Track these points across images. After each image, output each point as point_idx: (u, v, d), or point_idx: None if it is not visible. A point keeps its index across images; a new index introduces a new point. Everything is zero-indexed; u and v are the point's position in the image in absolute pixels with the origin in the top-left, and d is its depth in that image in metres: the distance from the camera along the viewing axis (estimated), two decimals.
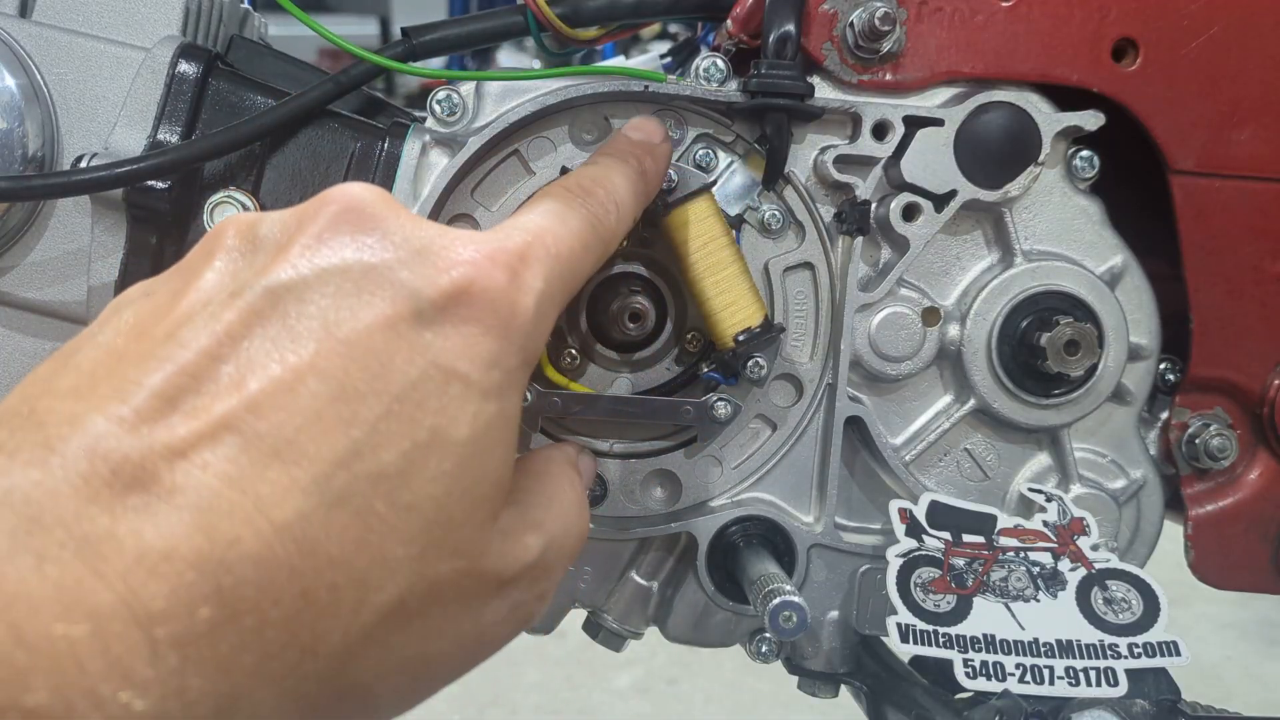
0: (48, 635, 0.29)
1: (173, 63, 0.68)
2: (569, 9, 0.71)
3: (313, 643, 0.35)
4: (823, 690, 0.78)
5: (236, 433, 0.35)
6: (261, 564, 0.34)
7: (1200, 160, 0.73)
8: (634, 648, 0.80)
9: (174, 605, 0.31)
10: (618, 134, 0.67)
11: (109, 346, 0.39)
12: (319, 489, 0.36)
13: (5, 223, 0.69)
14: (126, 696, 0.30)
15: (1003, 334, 0.73)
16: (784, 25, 0.68)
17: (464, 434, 0.40)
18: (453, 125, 0.69)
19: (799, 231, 0.74)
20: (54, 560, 0.30)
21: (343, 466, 0.36)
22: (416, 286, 0.41)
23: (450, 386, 0.40)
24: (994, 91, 0.72)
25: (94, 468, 0.33)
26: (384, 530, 0.37)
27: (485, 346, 0.41)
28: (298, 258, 0.40)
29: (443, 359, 0.40)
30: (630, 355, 0.75)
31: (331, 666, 0.36)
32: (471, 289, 0.42)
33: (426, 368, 0.39)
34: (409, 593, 0.38)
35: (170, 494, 0.33)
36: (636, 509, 0.75)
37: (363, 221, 0.42)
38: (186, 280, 0.41)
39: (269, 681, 0.34)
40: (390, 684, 0.40)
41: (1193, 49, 0.71)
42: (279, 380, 0.36)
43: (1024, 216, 0.74)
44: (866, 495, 0.78)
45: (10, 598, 0.29)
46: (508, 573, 0.44)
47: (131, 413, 0.35)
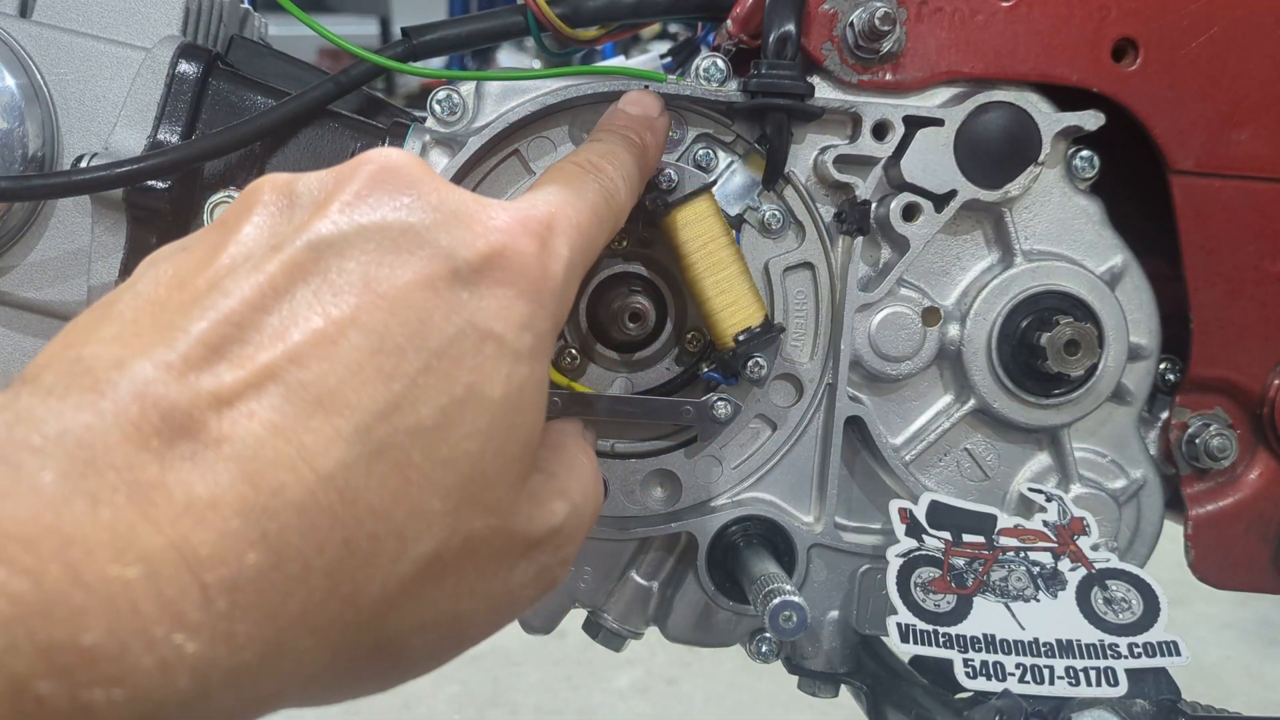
0: (103, 576, 0.29)
1: (173, 63, 0.68)
2: (569, 9, 0.71)
3: (353, 592, 0.36)
4: (823, 690, 0.78)
5: (280, 382, 0.36)
6: (306, 512, 0.34)
7: (1200, 160, 0.73)
8: (634, 648, 0.80)
9: (221, 551, 0.32)
10: (614, 110, 0.67)
11: (150, 296, 0.39)
12: (361, 439, 0.36)
13: (5, 223, 0.69)
14: (179, 639, 0.30)
15: (1003, 334, 0.73)
16: (784, 25, 0.68)
17: (498, 393, 0.41)
18: (453, 125, 0.69)
19: (799, 231, 0.74)
20: (107, 504, 0.31)
21: (383, 418, 0.37)
22: (453, 248, 0.41)
23: (485, 346, 0.41)
24: (994, 91, 0.72)
25: (144, 414, 0.33)
26: (422, 483, 0.38)
27: (519, 309, 0.42)
28: (337, 214, 0.41)
29: (479, 319, 0.41)
30: (630, 355, 0.75)
31: (370, 617, 0.37)
32: (505, 253, 0.43)
33: (463, 327, 0.40)
34: (444, 547, 0.39)
35: (217, 443, 0.34)
36: (636, 509, 0.75)
37: (399, 183, 0.43)
38: (225, 235, 0.42)
39: (312, 630, 0.35)
40: (423, 639, 0.40)
41: (1193, 49, 0.71)
42: (321, 332, 0.37)
43: (1024, 216, 0.74)
44: (866, 495, 0.78)
45: (67, 539, 0.29)
46: (535, 534, 0.45)
47: (179, 359, 0.35)
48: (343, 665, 0.37)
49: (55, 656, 0.28)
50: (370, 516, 0.36)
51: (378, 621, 0.37)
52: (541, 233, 0.45)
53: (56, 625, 0.28)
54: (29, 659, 0.28)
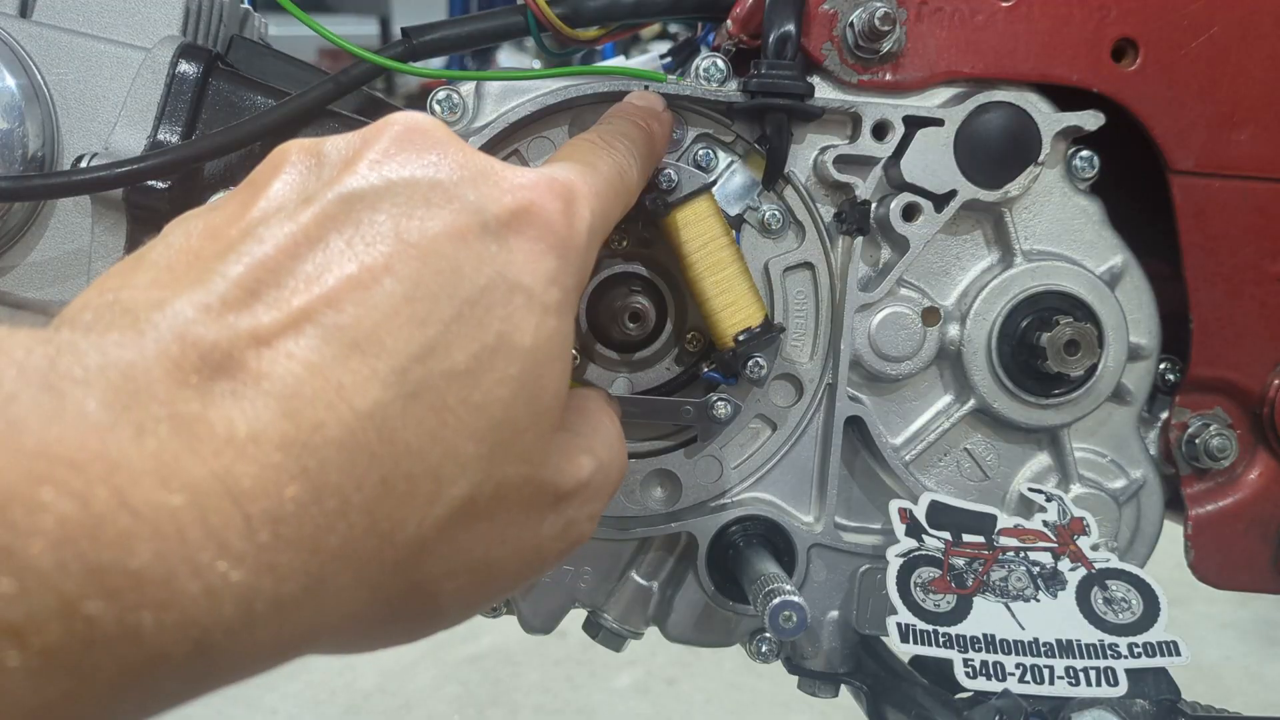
0: (149, 502, 0.30)
1: (173, 63, 0.68)
2: (569, 9, 0.71)
3: (390, 530, 0.36)
4: (823, 690, 0.78)
5: (317, 324, 0.36)
6: (344, 448, 0.35)
7: (1200, 160, 0.73)
8: (634, 648, 0.80)
9: (262, 484, 0.32)
10: (620, 103, 0.68)
11: (183, 247, 0.40)
12: (397, 380, 0.37)
13: (6, 223, 0.69)
14: (224, 566, 0.31)
15: (1003, 334, 0.73)
16: (784, 25, 0.68)
17: (528, 342, 0.42)
18: (453, 125, 0.69)
19: (799, 231, 0.74)
20: (152, 434, 0.31)
21: (418, 361, 0.38)
22: (481, 203, 0.42)
23: (515, 297, 0.42)
24: (994, 91, 0.72)
25: (184, 352, 0.34)
26: (457, 426, 0.39)
27: (546, 264, 0.43)
28: (367, 170, 0.42)
29: (508, 271, 0.42)
30: (630, 355, 0.75)
31: (406, 557, 0.37)
32: (531, 209, 0.44)
33: (493, 277, 0.41)
34: (478, 491, 0.40)
35: (257, 380, 0.34)
36: (636, 509, 0.75)
37: (426, 142, 0.44)
38: (254, 192, 0.42)
39: (351, 566, 0.35)
40: (455, 585, 0.41)
41: (1193, 49, 0.71)
42: (355, 278, 0.38)
43: (1024, 216, 0.74)
44: (866, 495, 0.78)
45: (113, 464, 0.30)
46: (564, 486, 0.46)
47: (217, 301, 0.36)
48: (379, 605, 0.38)
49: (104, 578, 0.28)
50: (407, 456, 0.37)
51: (413, 562, 0.38)
52: (565, 194, 0.46)
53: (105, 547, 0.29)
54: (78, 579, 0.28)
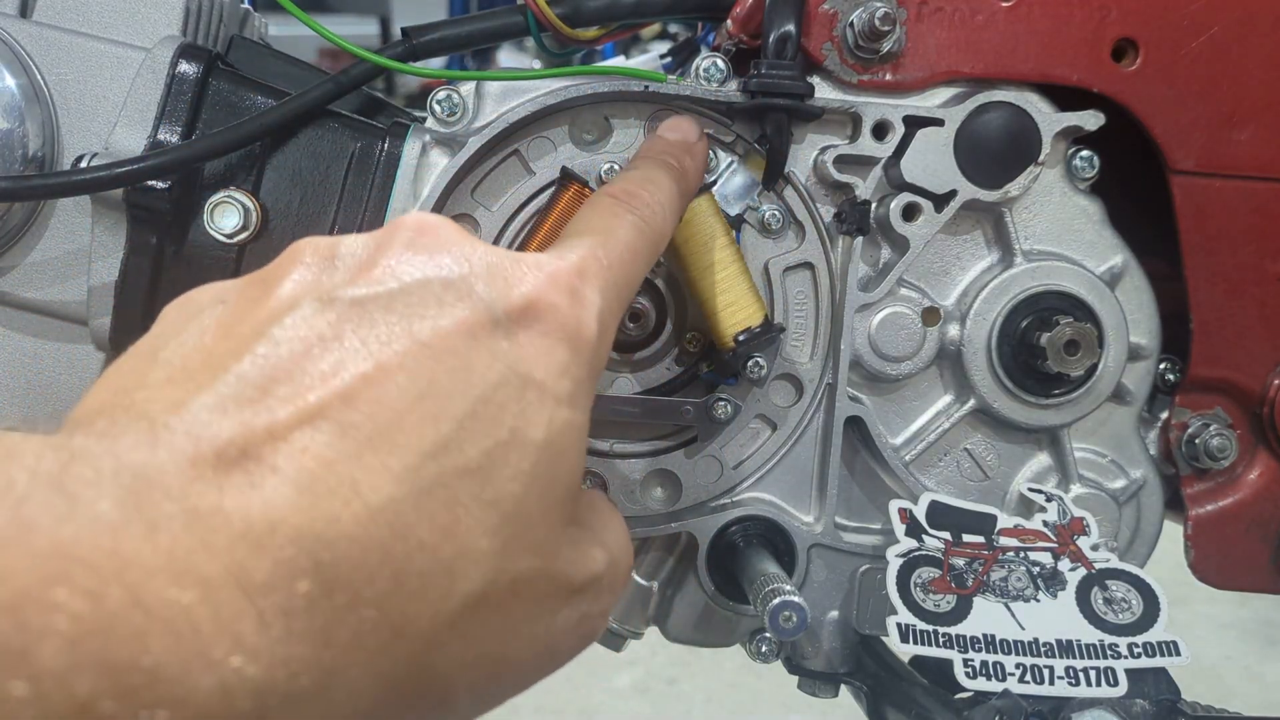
0: (162, 599, 0.30)
1: (173, 63, 0.68)
2: (569, 9, 0.71)
3: (402, 624, 0.37)
4: (823, 690, 0.78)
5: (332, 420, 0.37)
6: (357, 544, 0.35)
7: (1200, 160, 0.73)
8: (634, 648, 0.80)
9: (276, 578, 0.33)
10: (655, 136, 0.69)
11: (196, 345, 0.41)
12: (411, 477, 0.37)
13: (5, 223, 0.69)
14: (238, 662, 0.31)
15: (1003, 334, 0.73)
16: (784, 25, 0.68)
17: (541, 436, 0.42)
18: (453, 125, 0.69)
19: (799, 231, 0.74)
20: (164, 530, 0.31)
21: (431, 458, 0.38)
22: (492, 299, 0.43)
23: (527, 392, 0.42)
24: (994, 91, 0.72)
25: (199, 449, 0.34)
26: (470, 522, 0.39)
27: (557, 357, 0.44)
28: (381, 273, 0.43)
29: (520, 366, 0.43)
30: (630, 355, 0.75)
31: (418, 651, 0.38)
32: (539, 305, 0.45)
33: (505, 372, 0.42)
34: (491, 585, 0.40)
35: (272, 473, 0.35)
36: (636, 509, 0.75)
37: (437, 243, 0.45)
38: (265, 289, 0.43)
39: (362, 659, 0.35)
40: (469, 679, 0.41)
41: (1193, 49, 0.71)
42: (369, 375, 0.38)
43: (1024, 216, 0.74)
44: (866, 495, 0.78)
45: (125, 562, 0.30)
46: (578, 579, 0.46)
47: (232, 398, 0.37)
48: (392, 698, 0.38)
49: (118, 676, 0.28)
50: (420, 551, 0.37)
51: (425, 656, 0.38)
52: (571, 284, 0.47)
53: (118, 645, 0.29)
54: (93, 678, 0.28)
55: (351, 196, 0.70)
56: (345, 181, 0.70)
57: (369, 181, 0.70)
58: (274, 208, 0.70)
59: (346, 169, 0.70)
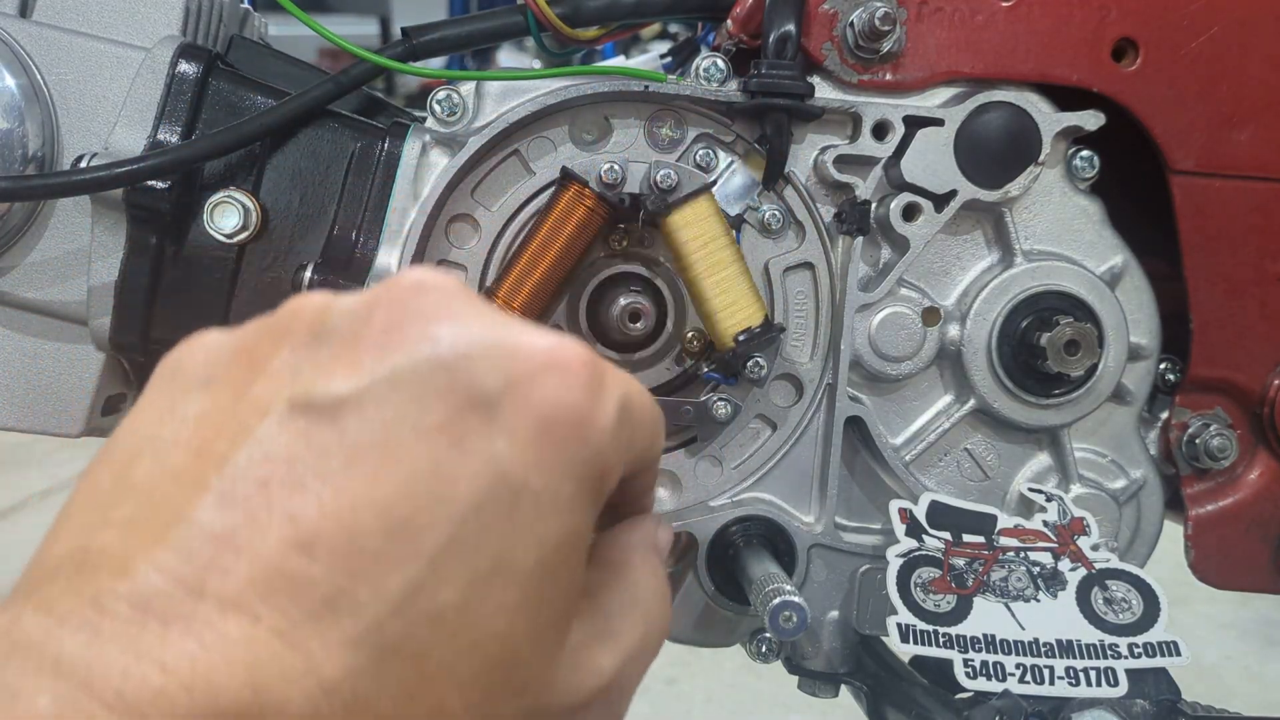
0: None
1: (173, 63, 0.68)
2: (569, 9, 0.71)
3: None
4: (823, 690, 0.78)
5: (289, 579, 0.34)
6: None
7: (1200, 160, 0.73)
8: None
9: None
10: None
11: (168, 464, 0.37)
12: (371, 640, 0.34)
13: (5, 223, 0.69)
14: None
15: (1003, 334, 0.73)
16: (784, 25, 0.68)
17: (532, 560, 0.37)
18: (453, 125, 0.69)
19: (799, 231, 0.74)
20: None
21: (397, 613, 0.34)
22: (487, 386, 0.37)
23: (519, 504, 0.37)
24: (994, 91, 0.71)
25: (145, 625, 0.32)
26: (441, 677, 0.35)
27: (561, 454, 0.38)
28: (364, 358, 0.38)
29: (514, 471, 0.37)
30: (630, 355, 0.75)
31: None
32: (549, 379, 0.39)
33: (493, 483, 0.36)
34: None
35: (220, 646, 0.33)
36: None
37: (435, 310, 0.39)
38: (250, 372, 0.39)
39: None
40: None
41: (1193, 49, 0.71)
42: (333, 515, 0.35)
43: (1024, 216, 0.74)
44: (866, 495, 0.78)
45: None
46: (577, 701, 0.41)
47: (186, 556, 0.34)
48: None
49: None
50: None
51: None
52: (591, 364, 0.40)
53: None
54: None
55: (351, 196, 0.70)
56: (345, 181, 0.70)
57: (369, 181, 0.70)
58: (274, 208, 0.70)
59: (346, 169, 0.70)
